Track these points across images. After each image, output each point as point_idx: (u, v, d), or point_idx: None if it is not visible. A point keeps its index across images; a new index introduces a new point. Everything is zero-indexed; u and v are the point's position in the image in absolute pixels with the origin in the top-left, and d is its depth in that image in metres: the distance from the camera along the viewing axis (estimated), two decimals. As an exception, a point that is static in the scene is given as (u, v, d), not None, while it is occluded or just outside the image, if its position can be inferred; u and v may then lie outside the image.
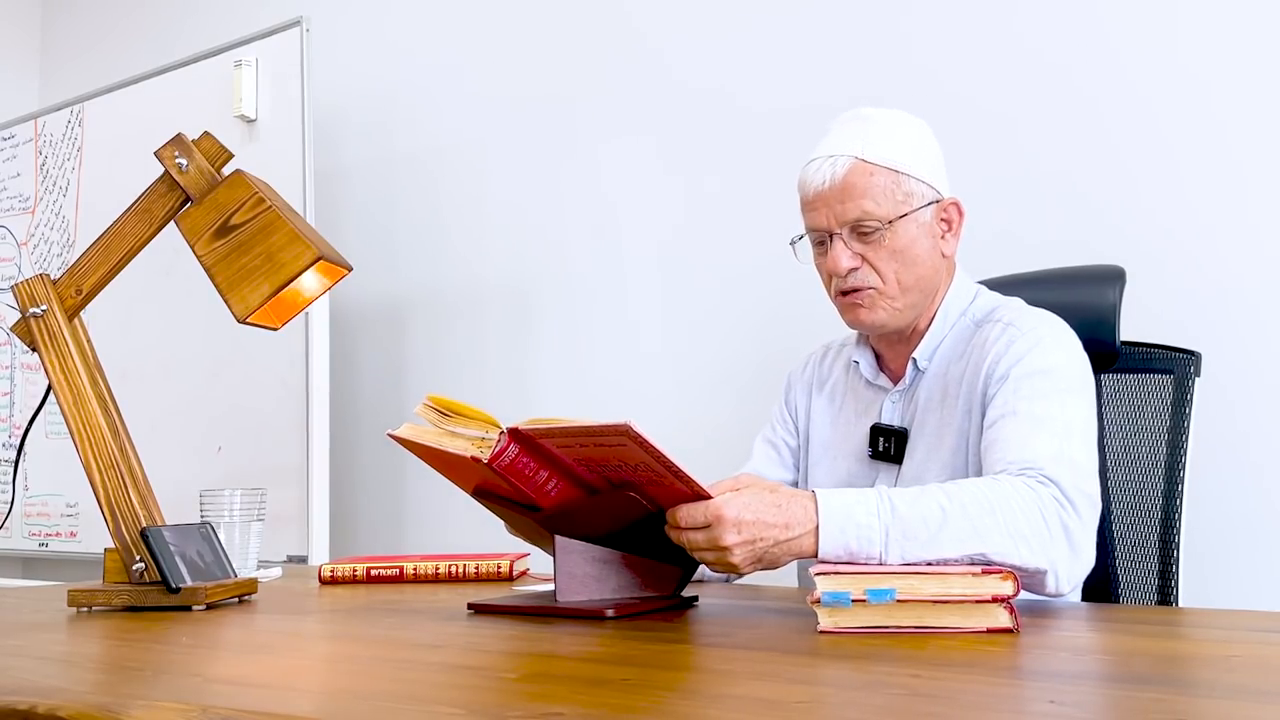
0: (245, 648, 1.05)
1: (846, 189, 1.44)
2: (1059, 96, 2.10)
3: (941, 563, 1.14)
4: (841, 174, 1.44)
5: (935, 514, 1.17)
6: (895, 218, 1.44)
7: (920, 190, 1.46)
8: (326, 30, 3.05)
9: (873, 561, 1.15)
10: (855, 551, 1.16)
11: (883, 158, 1.44)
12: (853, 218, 1.44)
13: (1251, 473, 1.88)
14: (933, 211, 1.48)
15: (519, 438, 1.14)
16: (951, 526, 1.17)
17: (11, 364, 3.51)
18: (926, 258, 1.47)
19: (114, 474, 1.34)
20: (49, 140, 3.41)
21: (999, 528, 1.18)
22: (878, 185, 1.44)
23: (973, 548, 1.16)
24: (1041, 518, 1.21)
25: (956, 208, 1.49)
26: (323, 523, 2.66)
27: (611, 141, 2.67)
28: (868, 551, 1.16)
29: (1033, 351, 1.39)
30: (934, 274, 1.49)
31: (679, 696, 0.76)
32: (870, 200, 1.43)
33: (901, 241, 1.45)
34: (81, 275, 1.40)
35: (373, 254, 3.01)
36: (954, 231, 1.50)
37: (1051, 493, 1.23)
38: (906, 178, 1.45)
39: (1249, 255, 1.91)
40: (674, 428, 2.45)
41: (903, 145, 1.47)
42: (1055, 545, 1.21)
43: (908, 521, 1.17)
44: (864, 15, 2.33)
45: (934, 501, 1.19)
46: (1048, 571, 1.21)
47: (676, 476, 1.11)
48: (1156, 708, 0.68)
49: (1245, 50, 1.93)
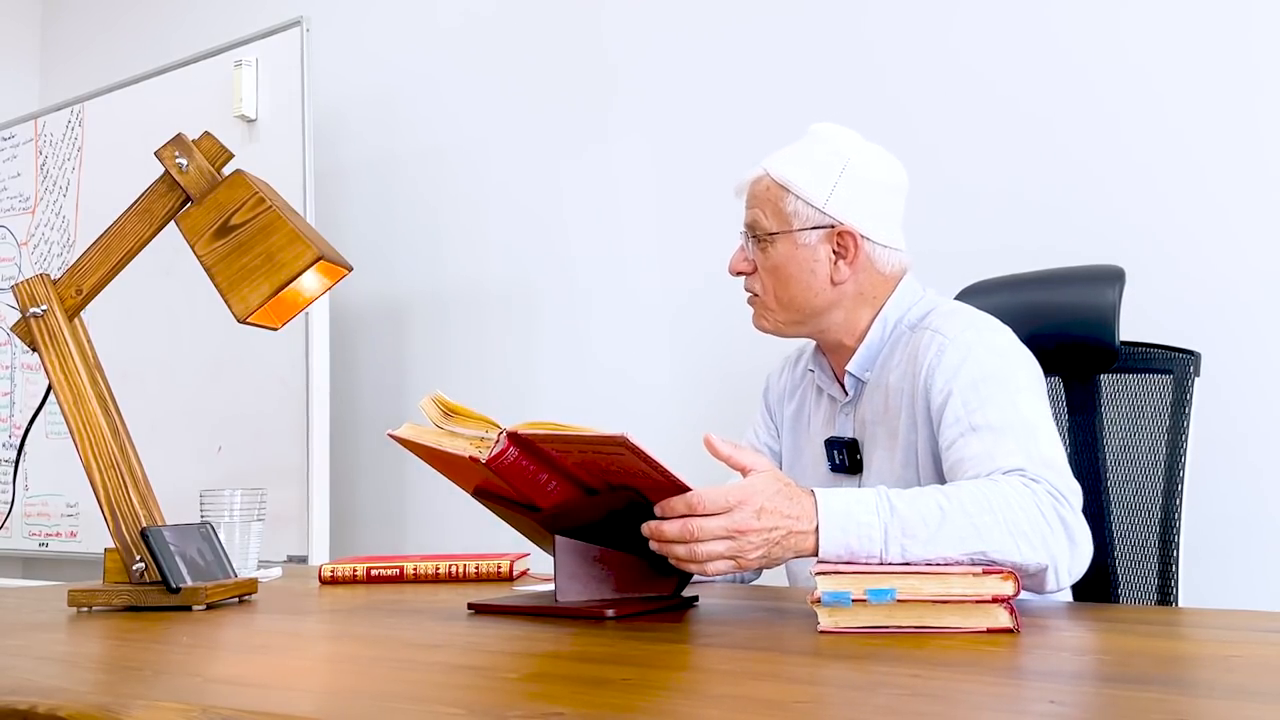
0: (245, 648, 1.05)
1: (751, 196, 1.54)
2: (1059, 97, 2.10)
3: (943, 561, 1.14)
4: (749, 182, 1.54)
5: (934, 513, 1.17)
6: (775, 232, 1.50)
7: (806, 213, 1.48)
8: (326, 30, 3.05)
9: (873, 560, 1.15)
10: (855, 550, 1.16)
11: (782, 175, 1.50)
12: (747, 223, 1.53)
13: (1251, 473, 1.88)
14: (821, 236, 1.48)
15: (518, 441, 1.14)
16: (951, 524, 1.17)
17: (11, 364, 3.51)
18: (803, 280, 1.49)
19: (114, 474, 1.34)
20: (49, 140, 3.41)
21: (999, 525, 1.18)
22: (768, 199, 1.51)
23: (973, 546, 1.16)
24: (1039, 513, 1.21)
25: (852, 238, 1.48)
26: (323, 523, 2.66)
27: (611, 141, 2.67)
28: (868, 550, 1.16)
29: (967, 361, 1.38)
30: (813, 296, 1.49)
31: (679, 696, 0.76)
32: (760, 211, 1.51)
33: (778, 259, 1.50)
34: (81, 275, 1.40)
35: (373, 254, 3.01)
36: (850, 259, 1.48)
37: (1045, 488, 1.23)
38: (794, 199, 1.49)
39: (1248, 255, 1.91)
40: (674, 428, 2.45)
41: (807, 167, 1.49)
42: (1055, 540, 1.21)
43: (907, 520, 1.16)
44: (864, 17, 2.33)
45: (933, 500, 1.19)
46: (1049, 567, 1.21)
47: (675, 486, 1.11)
48: (1156, 708, 0.68)
49: (1245, 50, 1.93)
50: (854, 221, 1.48)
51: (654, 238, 2.59)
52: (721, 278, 2.48)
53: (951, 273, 1.80)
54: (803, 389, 1.64)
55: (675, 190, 2.56)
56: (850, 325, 1.51)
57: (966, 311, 1.48)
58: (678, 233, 2.55)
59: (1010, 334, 1.45)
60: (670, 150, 2.57)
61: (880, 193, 1.51)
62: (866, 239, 1.49)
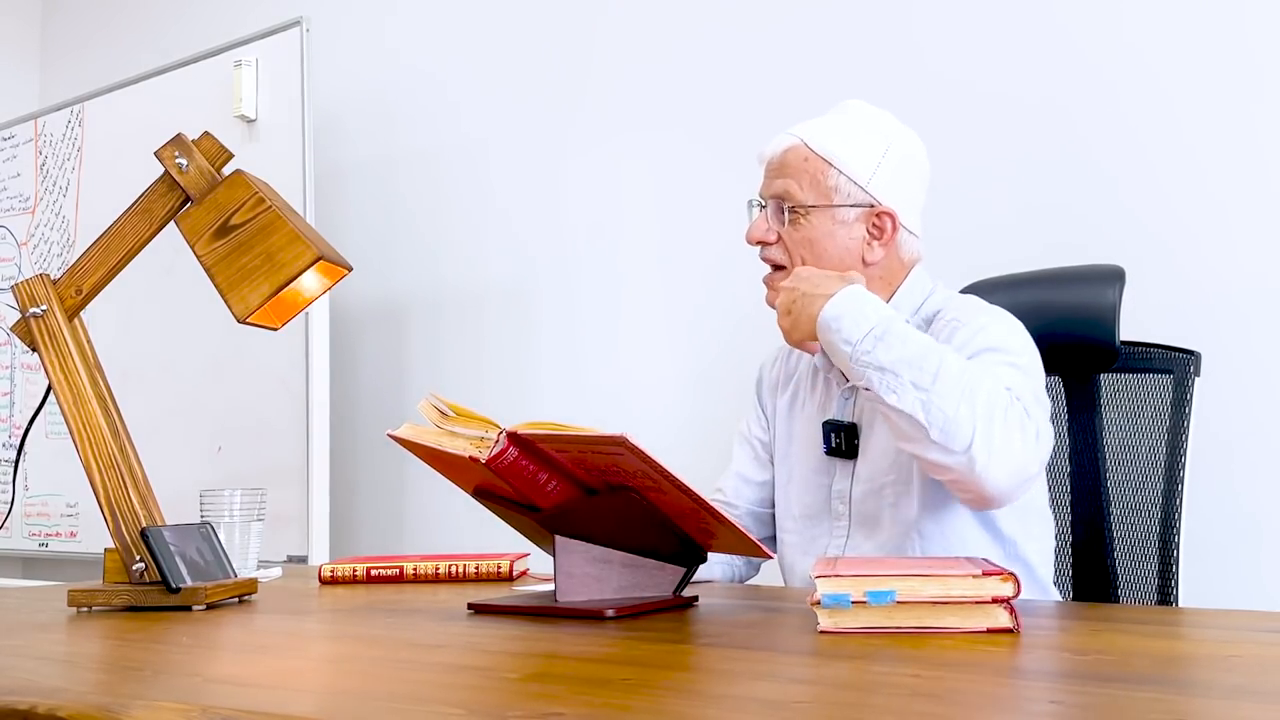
0: (245, 648, 1.05)
1: (781, 165, 1.50)
2: (1059, 96, 2.10)
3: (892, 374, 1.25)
4: (781, 150, 1.50)
5: (917, 347, 1.27)
6: (813, 206, 1.47)
7: (849, 190, 1.47)
8: (326, 30, 3.05)
9: (848, 347, 1.29)
10: (842, 329, 1.29)
11: (823, 147, 1.48)
12: (776, 193, 1.49)
13: (1251, 472, 1.88)
14: (860, 214, 1.48)
15: (517, 441, 1.14)
16: (923, 362, 1.25)
17: (11, 364, 3.51)
18: (838, 256, 1.48)
19: (114, 474, 1.34)
20: (49, 140, 3.41)
21: (956, 386, 1.24)
22: (807, 170, 1.48)
23: (924, 383, 1.24)
24: (1004, 411, 1.26)
25: (891, 219, 1.49)
26: (323, 523, 2.66)
27: (611, 141, 2.67)
28: (850, 334, 1.29)
29: (976, 336, 1.41)
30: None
31: (679, 696, 0.76)
32: (795, 182, 1.48)
33: (815, 232, 1.48)
34: (81, 275, 1.40)
35: (373, 254, 3.01)
36: (885, 241, 1.49)
37: (1021, 406, 1.28)
38: (838, 173, 1.47)
39: (1249, 255, 1.91)
40: (673, 428, 2.46)
41: (853, 143, 1.48)
42: (1003, 428, 1.25)
43: (895, 335, 1.27)
44: (864, 14, 2.33)
45: (930, 344, 1.29)
46: (976, 439, 1.23)
47: (675, 485, 1.11)
48: (1156, 708, 0.68)
49: (1245, 50, 1.93)
50: (893, 203, 1.48)
51: (653, 238, 2.59)
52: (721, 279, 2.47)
53: (951, 272, 1.80)
54: (798, 375, 1.63)
55: (675, 191, 2.56)
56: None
57: (983, 303, 1.50)
58: (677, 233, 2.55)
59: (1027, 333, 1.47)
60: (670, 151, 2.57)
61: (915, 178, 1.52)
62: (901, 224, 1.49)
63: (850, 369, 1.31)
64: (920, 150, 1.54)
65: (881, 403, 1.28)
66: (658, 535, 1.19)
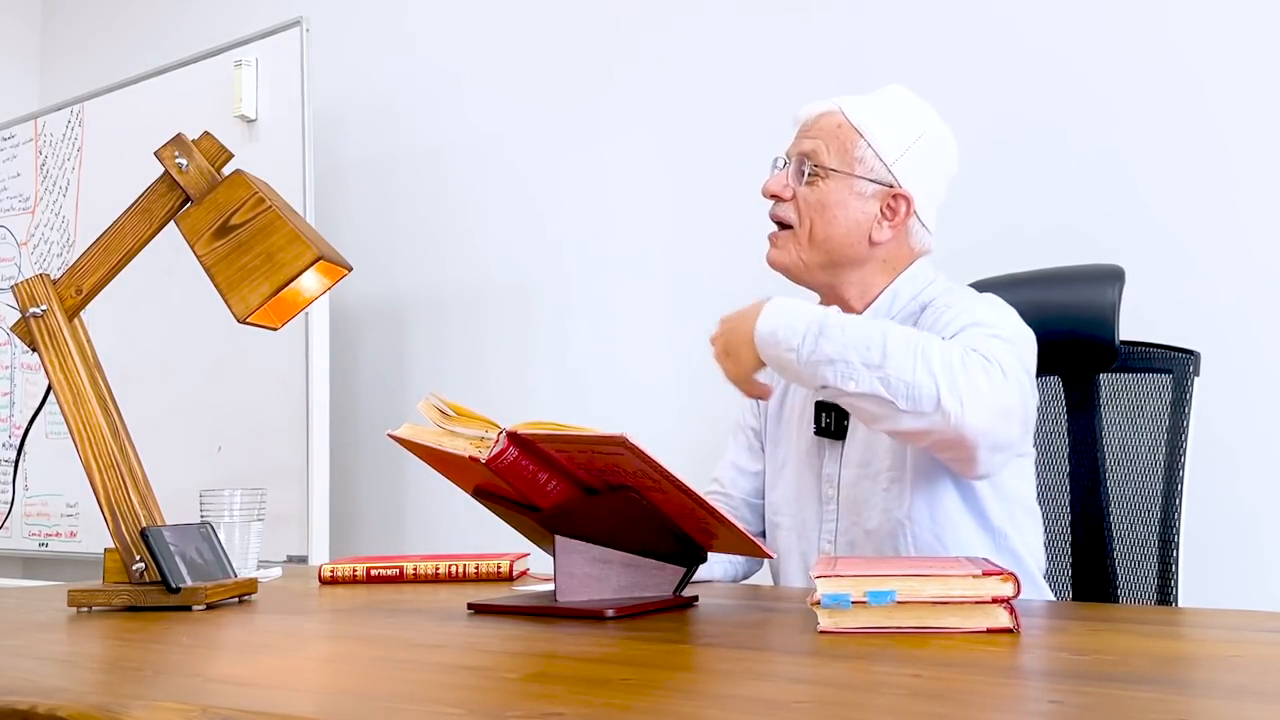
0: (245, 648, 1.05)
1: (813, 127, 1.52)
2: (1058, 96, 2.10)
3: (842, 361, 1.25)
4: (817, 113, 1.53)
5: (860, 331, 1.26)
6: (834, 170, 1.48)
7: (874, 164, 1.48)
8: (326, 30, 3.05)
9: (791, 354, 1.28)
10: (780, 340, 1.29)
11: (858, 119, 1.49)
12: (803, 150, 1.51)
13: (1251, 472, 1.88)
14: (877, 191, 1.49)
15: (517, 441, 1.14)
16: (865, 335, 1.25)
17: (11, 364, 3.51)
18: (847, 225, 1.49)
19: (114, 474, 1.34)
20: (49, 140, 3.41)
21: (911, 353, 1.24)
22: (837, 136, 1.49)
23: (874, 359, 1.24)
24: (960, 358, 1.25)
25: (907, 203, 1.49)
26: (323, 523, 2.66)
27: (611, 141, 2.67)
28: (789, 341, 1.28)
29: (961, 315, 1.41)
30: (848, 246, 1.50)
31: (679, 696, 0.76)
32: (823, 144, 1.50)
33: (830, 196, 1.49)
34: (81, 275, 1.40)
35: (373, 254, 3.01)
36: (896, 223, 1.50)
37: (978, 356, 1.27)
38: (866, 146, 1.48)
39: (1248, 255, 1.91)
40: (673, 428, 2.46)
41: (888, 122, 1.49)
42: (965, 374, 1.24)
43: (830, 327, 1.26)
44: (865, 15, 2.33)
45: (872, 326, 1.28)
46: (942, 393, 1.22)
47: (675, 485, 1.11)
48: (1156, 708, 0.68)
49: (1245, 50, 1.93)
50: (913, 189, 1.49)
51: (653, 238, 2.59)
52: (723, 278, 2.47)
53: (951, 273, 1.80)
54: None
55: (675, 191, 2.56)
56: (863, 288, 1.53)
57: (977, 293, 1.51)
58: (677, 233, 2.55)
59: (1015, 314, 1.47)
60: (670, 151, 2.57)
61: (940, 172, 1.53)
62: (915, 211, 1.50)
63: (801, 375, 1.30)
64: (952, 146, 1.55)
65: (843, 395, 1.28)
66: (658, 535, 1.19)
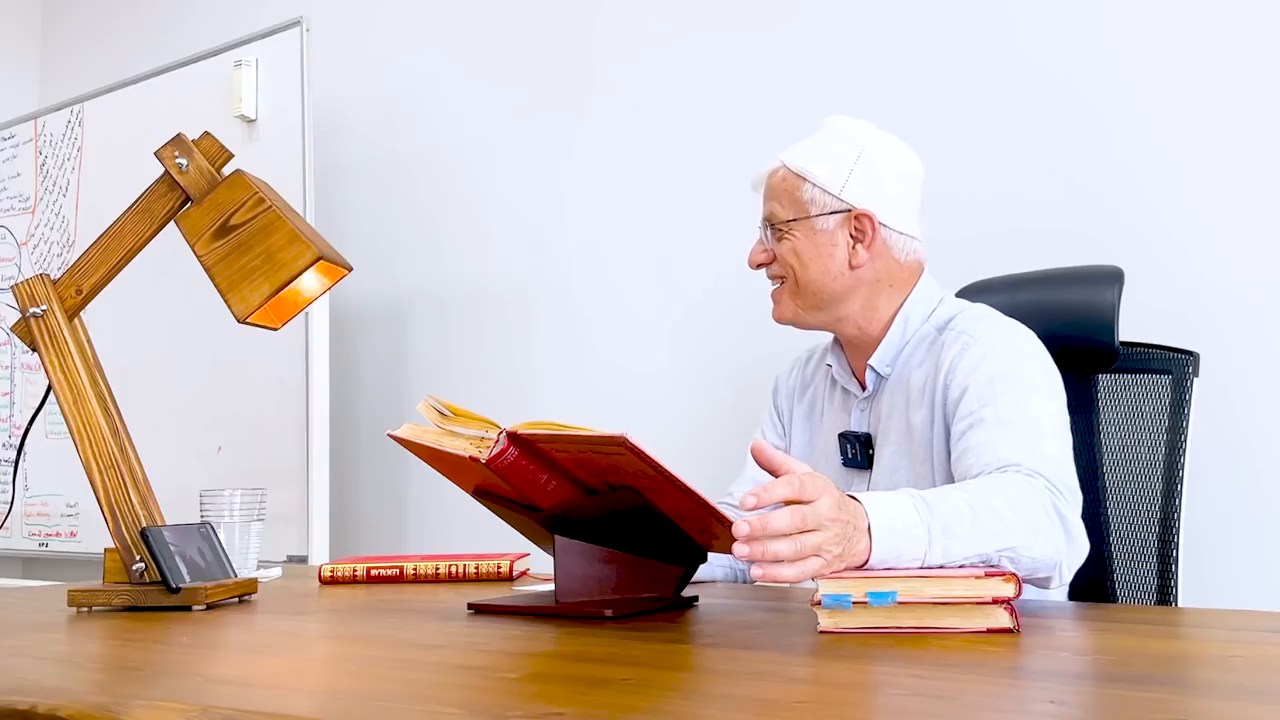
0: (245, 648, 1.05)
1: (767, 189, 1.56)
2: (1058, 97, 2.10)
3: (980, 560, 1.13)
4: (765, 174, 1.57)
5: (966, 511, 1.15)
6: (792, 220, 1.52)
7: (822, 199, 1.50)
8: (326, 30, 3.05)
9: (917, 563, 1.10)
10: (904, 553, 1.09)
11: (796, 164, 1.53)
12: (765, 216, 1.56)
13: (1250, 473, 1.88)
14: (839, 221, 1.50)
15: (517, 441, 1.14)
16: (983, 522, 1.15)
17: (11, 364, 3.51)
18: (824, 263, 1.51)
19: (114, 474, 1.34)
20: (49, 140, 3.41)
21: (1021, 521, 1.18)
22: (784, 189, 1.53)
23: (1005, 542, 1.15)
24: (1044, 509, 1.21)
25: (869, 220, 1.49)
26: (323, 523, 2.66)
27: (611, 141, 2.67)
28: (914, 553, 1.09)
29: (987, 358, 1.40)
30: (830, 281, 1.51)
31: (679, 696, 0.76)
32: (777, 203, 1.54)
33: (799, 243, 1.52)
34: (81, 275, 1.40)
35: (373, 254, 3.01)
36: (868, 243, 1.50)
37: (1042, 483, 1.24)
38: (810, 185, 1.51)
39: (1247, 256, 1.91)
40: (673, 428, 2.46)
41: (824, 155, 1.52)
42: (1058, 535, 1.22)
43: (948, 520, 1.12)
44: (864, 16, 2.33)
45: (959, 499, 1.16)
46: (1059, 563, 1.21)
47: (675, 485, 1.11)
48: (1156, 708, 0.68)
49: (1245, 50, 1.93)
50: (870, 206, 1.50)
51: (654, 237, 2.59)
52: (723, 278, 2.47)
53: (951, 273, 1.80)
54: (814, 385, 1.65)
55: (675, 190, 2.56)
56: (868, 315, 1.52)
57: (993, 315, 1.50)
58: (677, 232, 2.55)
59: (1034, 338, 1.46)
60: (670, 151, 2.57)
61: (895, 180, 1.53)
62: (883, 224, 1.50)
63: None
64: (898, 151, 1.54)
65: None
66: (657, 535, 1.19)
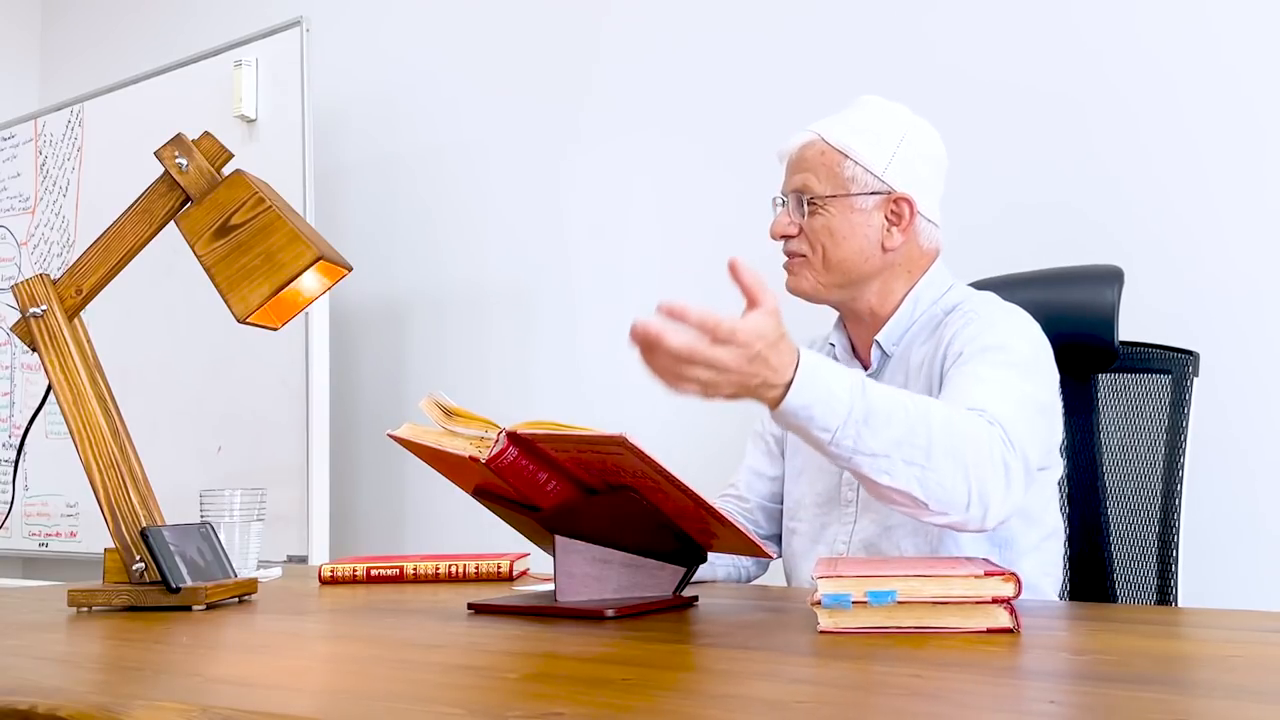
0: (245, 648, 1.05)
1: (799, 161, 1.54)
2: (1058, 97, 2.10)
3: (884, 457, 1.17)
4: (798, 147, 1.54)
5: (900, 415, 1.19)
6: (831, 196, 1.50)
7: (864, 179, 1.50)
8: (326, 30, 3.05)
9: (826, 435, 1.16)
10: (815, 417, 1.15)
11: (838, 140, 1.51)
12: (795, 188, 1.53)
13: (1250, 472, 1.88)
14: (878, 202, 1.51)
15: (517, 441, 1.14)
16: (911, 434, 1.18)
17: (11, 364, 3.51)
18: (858, 243, 1.51)
19: (114, 474, 1.34)
20: (49, 140, 3.41)
21: (950, 453, 1.20)
22: (824, 164, 1.51)
23: (918, 460, 1.18)
24: (989, 452, 1.23)
25: (908, 204, 1.51)
26: (323, 523, 2.66)
27: (610, 142, 2.67)
28: (824, 422, 1.16)
29: (985, 333, 1.42)
30: (863, 261, 1.51)
31: (679, 696, 0.76)
32: (813, 175, 1.51)
33: (834, 221, 1.50)
34: (81, 275, 1.40)
35: (373, 254, 3.01)
36: (904, 227, 1.51)
37: (998, 433, 1.25)
38: (853, 164, 1.50)
39: (1247, 255, 1.91)
40: (674, 427, 2.45)
41: (868, 134, 1.51)
42: (994, 481, 1.23)
43: (873, 411, 1.17)
44: (865, 16, 2.33)
45: (903, 405, 1.20)
46: (973, 504, 1.22)
47: (675, 485, 1.11)
48: (1156, 708, 0.68)
49: (1244, 51, 1.93)
50: (910, 190, 1.51)
51: (653, 238, 2.59)
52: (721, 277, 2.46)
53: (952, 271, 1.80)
54: None
55: (675, 190, 2.56)
56: (884, 295, 1.54)
57: (1001, 301, 1.52)
58: (677, 232, 2.55)
59: (1036, 327, 1.48)
60: (671, 150, 2.57)
61: (931, 166, 1.54)
62: (919, 210, 1.51)
63: (826, 453, 1.20)
64: (936, 140, 1.56)
65: (873, 484, 1.21)
66: (658, 535, 1.19)
